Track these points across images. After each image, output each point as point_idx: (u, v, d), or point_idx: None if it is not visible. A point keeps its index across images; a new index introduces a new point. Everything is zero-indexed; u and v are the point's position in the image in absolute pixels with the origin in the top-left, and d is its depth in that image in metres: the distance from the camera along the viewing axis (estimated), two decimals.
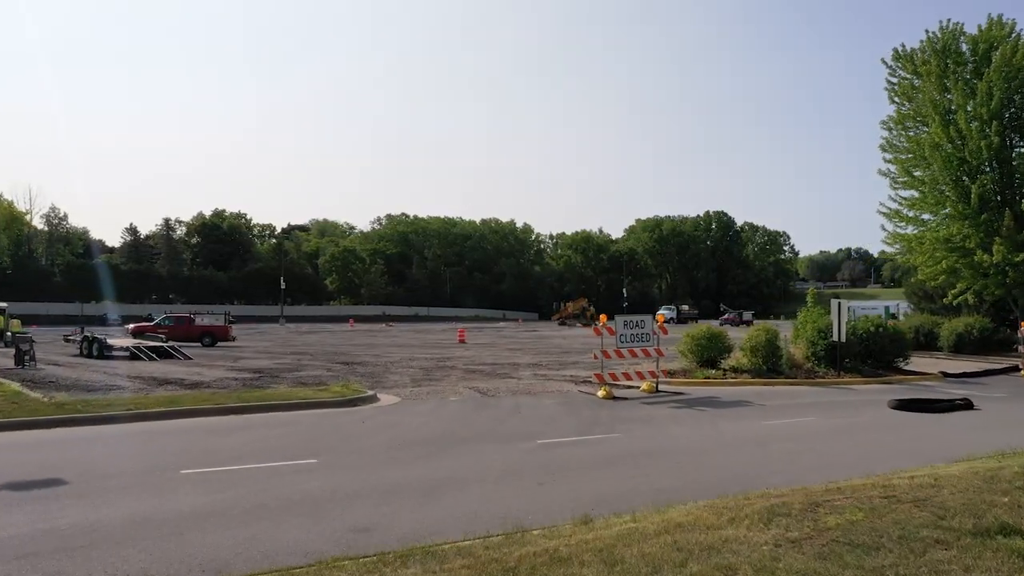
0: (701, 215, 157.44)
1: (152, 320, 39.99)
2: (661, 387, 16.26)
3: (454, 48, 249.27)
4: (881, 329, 20.97)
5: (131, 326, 38.67)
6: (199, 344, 36.62)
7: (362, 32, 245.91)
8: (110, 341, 25.57)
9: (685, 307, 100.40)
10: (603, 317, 15.32)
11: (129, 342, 25.78)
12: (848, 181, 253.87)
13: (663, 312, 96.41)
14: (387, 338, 47.60)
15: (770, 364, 18.74)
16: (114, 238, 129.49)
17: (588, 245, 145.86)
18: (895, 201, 30.67)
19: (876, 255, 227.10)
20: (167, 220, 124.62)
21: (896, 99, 30.37)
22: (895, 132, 30.40)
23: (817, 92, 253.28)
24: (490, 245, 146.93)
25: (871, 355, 20.98)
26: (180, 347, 34.02)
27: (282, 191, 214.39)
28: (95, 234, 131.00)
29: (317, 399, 13.01)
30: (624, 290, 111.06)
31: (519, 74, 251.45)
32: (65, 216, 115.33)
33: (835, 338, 19.19)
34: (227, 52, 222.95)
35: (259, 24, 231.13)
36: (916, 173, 29.05)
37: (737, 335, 20.97)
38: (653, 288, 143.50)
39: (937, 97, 28.38)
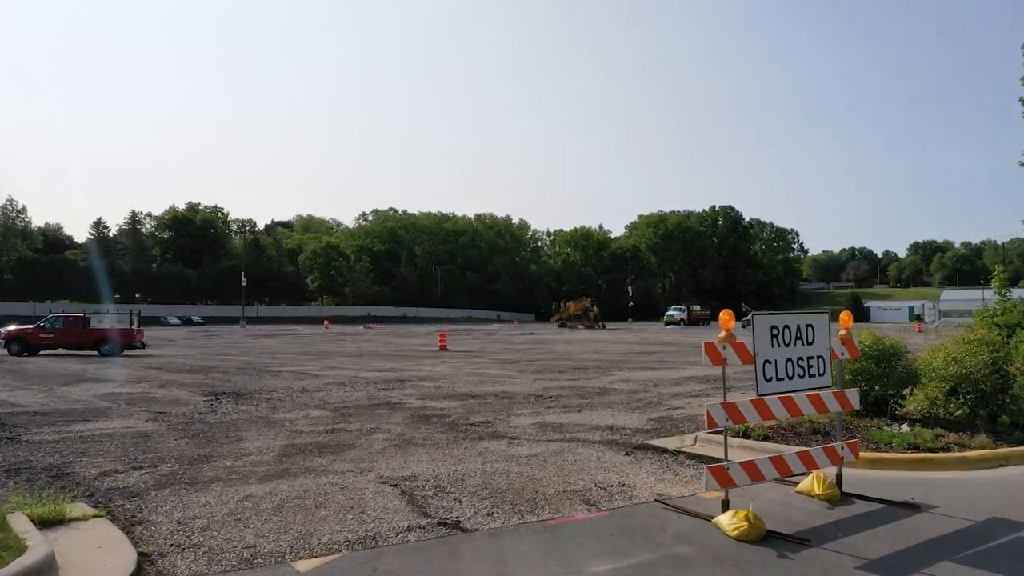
0: (707, 210, 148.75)
1: (34, 323, 31.06)
2: (845, 481, 7.11)
3: (448, 39, 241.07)
4: None
5: (5, 329, 29.88)
6: (95, 352, 28.28)
7: (358, 24, 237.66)
8: None
9: (696, 307, 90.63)
10: (727, 318, 6.12)
11: None
12: (849, 181, 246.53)
13: (673, 312, 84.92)
14: (353, 344, 38.66)
15: (1002, 411, 9.70)
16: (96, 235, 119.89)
17: (588, 242, 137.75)
18: None
19: (880, 255, 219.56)
20: (134, 213, 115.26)
21: None
22: None
23: (818, 92, 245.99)
24: (484, 242, 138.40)
25: None
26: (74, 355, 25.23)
27: (267, 187, 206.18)
28: (68, 230, 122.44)
29: None
30: (629, 289, 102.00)
31: (517, 65, 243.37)
32: (24, 209, 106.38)
33: None
34: (221, 49, 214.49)
35: (252, 20, 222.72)
36: None
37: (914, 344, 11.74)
38: (656, 287, 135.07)
39: None
